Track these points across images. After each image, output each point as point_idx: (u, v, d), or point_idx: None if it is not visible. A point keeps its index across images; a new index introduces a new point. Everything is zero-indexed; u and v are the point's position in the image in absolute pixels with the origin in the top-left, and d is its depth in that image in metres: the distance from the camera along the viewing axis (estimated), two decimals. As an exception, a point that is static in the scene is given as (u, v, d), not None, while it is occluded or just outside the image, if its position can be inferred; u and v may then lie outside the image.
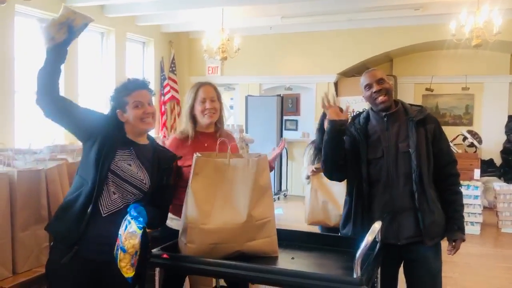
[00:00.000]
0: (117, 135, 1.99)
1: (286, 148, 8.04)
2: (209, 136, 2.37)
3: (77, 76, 6.31)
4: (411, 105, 2.33)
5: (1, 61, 5.33)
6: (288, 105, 8.48)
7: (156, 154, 2.05)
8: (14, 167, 2.12)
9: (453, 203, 2.24)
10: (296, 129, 8.56)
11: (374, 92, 2.22)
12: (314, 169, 3.11)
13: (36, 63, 5.70)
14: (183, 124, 2.43)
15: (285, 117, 8.28)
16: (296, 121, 8.60)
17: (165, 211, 2.12)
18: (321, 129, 3.04)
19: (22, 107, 5.63)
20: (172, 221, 2.29)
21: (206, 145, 2.31)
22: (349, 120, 2.33)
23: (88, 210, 1.87)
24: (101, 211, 1.89)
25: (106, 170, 1.90)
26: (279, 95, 8.02)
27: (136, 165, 1.98)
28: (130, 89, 2.06)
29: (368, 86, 2.26)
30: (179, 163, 2.25)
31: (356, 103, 7.73)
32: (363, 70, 8.29)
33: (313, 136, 3.88)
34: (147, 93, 2.11)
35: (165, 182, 2.06)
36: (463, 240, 2.25)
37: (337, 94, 7.92)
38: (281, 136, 7.94)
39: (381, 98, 2.21)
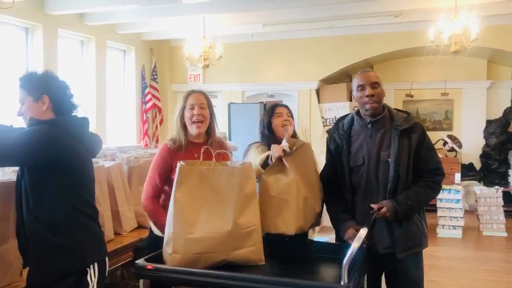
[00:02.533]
0: None
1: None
2: (200, 146, 2.27)
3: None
4: (398, 110, 2.28)
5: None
6: (270, 112, 8.47)
7: None
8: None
9: (412, 190, 2.14)
10: (279, 136, 8.54)
11: (366, 96, 2.16)
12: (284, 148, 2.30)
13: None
14: (174, 133, 2.39)
15: (267, 124, 8.26)
16: (279, 128, 8.59)
17: None
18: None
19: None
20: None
21: (196, 155, 2.25)
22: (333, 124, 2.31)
23: None
24: None
25: None
26: (261, 102, 8.02)
27: None
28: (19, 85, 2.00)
29: (361, 88, 2.20)
30: (172, 175, 2.20)
31: (337, 109, 7.80)
32: (344, 77, 8.47)
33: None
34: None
35: None
36: (386, 215, 2.10)
37: (318, 101, 7.97)
38: (264, 143, 7.92)
39: (371, 105, 2.16)
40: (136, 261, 1.95)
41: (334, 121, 2.41)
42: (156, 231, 2.30)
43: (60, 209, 1.85)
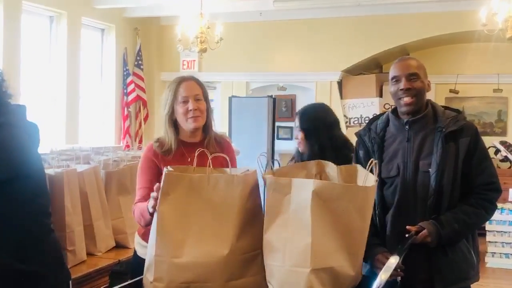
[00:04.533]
0: None
1: (278, 162, 8.00)
2: (194, 147, 2.24)
3: (19, 71, 6.21)
4: (446, 108, 2.25)
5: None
6: (281, 109, 8.47)
7: None
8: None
9: (460, 210, 2.11)
10: (291, 138, 8.51)
11: (401, 89, 2.14)
12: None
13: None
14: (162, 132, 2.37)
15: (277, 123, 8.24)
16: (291, 128, 8.57)
17: None
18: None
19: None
20: (143, 249, 2.24)
21: (189, 159, 2.23)
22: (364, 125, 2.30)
23: None
24: None
25: None
26: (270, 96, 7.99)
27: None
28: None
29: (396, 80, 2.18)
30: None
31: (364, 106, 7.77)
32: (373, 66, 8.44)
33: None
34: None
35: None
36: (427, 240, 2.06)
37: (341, 96, 7.94)
38: (273, 146, 7.91)
39: (406, 99, 2.14)
40: (110, 290, 1.94)
41: (359, 121, 2.42)
42: (141, 252, 2.28)
43: (24, 227, 1.83)
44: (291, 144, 8.48)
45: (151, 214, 2.04)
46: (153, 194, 2.00)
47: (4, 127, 1.81)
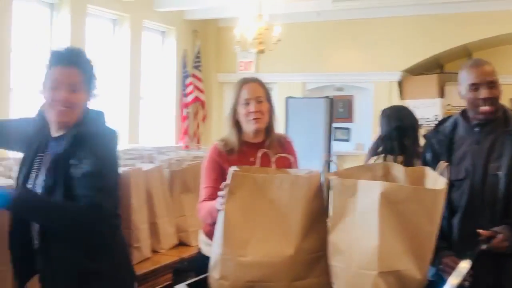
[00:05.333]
0: (40, 136, 2.02)
1: (335, 164, 7.94)
2: (257, 147, 2.30)
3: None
4: None
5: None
6: (338, 110, 8.39)
7: (64, 142, 1.93)
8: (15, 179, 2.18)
9: None
10: (348, 140, 8.45)
11: (481, 98, 2.11)
12: None
13: (36, 55, 5.98)
14: (226, 133, 2.42)
15: (334, 125, 8.18)
16: (348, 129, 8.50)
17: (73, 205, 1.88)
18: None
19: (18, 107, 5.80)
20: (208, 247, 2.28)
21: (252, 159, 2.27)
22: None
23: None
24: (34, 244, 1.94)
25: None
26: (327, 97, 7.94)
27: (46, 170, 1.94)
28: (52, 62, 1.98)
29: (474, 87, 2.13)
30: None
31: (425, 107, 7.59)
32: (434, 66, 8.25)
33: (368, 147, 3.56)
34: (70, 75, 1.93)
35: (77, 174, 1.86)
36: (503, 245, 2.00)
37: (401, 96, 7.80)
38: (330, 147, 7.86)
39: (487, 109, 2.11)
40: (176, 286, 1.98)
41: (419, 123, 2.40)
42: (205, 250, 2.32)
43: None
44: (348, 146, 8.43)
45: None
46: (221, 192, 2.03)
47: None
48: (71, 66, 1.93)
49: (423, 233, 1.80)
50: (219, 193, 2.05)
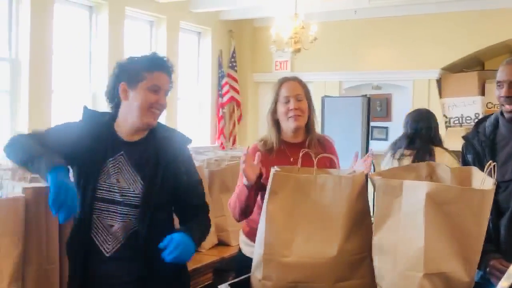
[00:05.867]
0: (106, 137, 2.00)
1: (373, 163, 7.87)
2: (297, 147, 2.32)
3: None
4: None
5: (38, 55, 5.58)
6: (376, 108, 8.31)
7: (157, 148, 2.01)
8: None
9: None
10: (386, 139, 8.34)
11: (502, 96, 2.13)
12: None
13: (76, 58, 6.13)
14: (266, 132, 2.43)
15: (372, 123, 8.10)
16: (386, 128, 8.40)
17: (204, 218, 2.14)
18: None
19: (59, 108, 5.94)
20: (248, 247, 2.29)
21: (292, 159, 2.28)
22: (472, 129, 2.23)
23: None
24: (104, 253, 1.95)
25: (90, 199, 1.92)
26: (364, 96, 7.87)
27: (127, 175, 1.96)
28: (154, 66, 2.01)
29: (500, 85, 2.15)
30: (262, 180, 2.25)
31: (465, 105, 7.44)
32: (474, 64, 8.09)
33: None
34: (168, 82, 2.05)
35: (185, 182, 2.04)
36: None
37: (440, 95, 7.67)
38: (367, 147, 7.78)
39: (508, 107, 2.12)
40: (219, 286, 1.98)
41: (460, 121, 2.37)
42: (246, 250, 2.33)
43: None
44: (386, 145, 8.27)
45: (247, 188, 2.14)
46: (242, 157, 2.07)
47: None
48: (167, 73, 2.04)
49: (470, 234, 1.76)
50: (242, 158, 2.07)
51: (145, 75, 1.98)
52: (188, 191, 2.08)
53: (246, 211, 2.25)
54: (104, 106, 2.16)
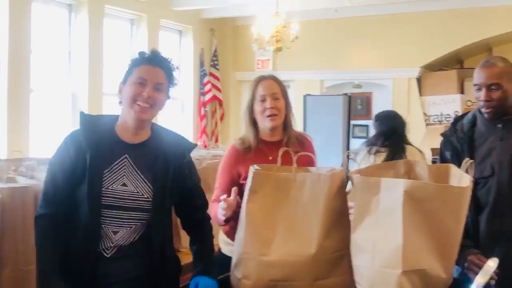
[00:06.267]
0: (108, 141, 1.93)
1: (354, 160, 7.91)
2: (275, 146, 2.32)
3: (102, 73, 6.49)
4: None
5: (16, 54, 5.52)
6: (356, 107, 8.36)
7: (162, 151, 1.98)
8: (38, 180, 2.19)
9: None
10: (366, 137, 8.33)
11: (481, 100, 2.16)
12: None
13: (55, 56, 6.06)
14: (243, 130, 2.42)
15: (353, 122, 8.15)
16: (367, 126, 8.43)
17: (207, 221, 2.18)
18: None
19: (38, 108, 5.87)
20: (228, 246, 2.28)
21: (270, 158, 2.28)
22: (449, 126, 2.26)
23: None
24: (104, 255, 1.91)
25: (97, 207, 1.86)
26: (345, 94, 7.92)
27: (134, 179, 1.92)
28: (142, 60, 1.97)
29: (477, 88, 2.18)
30: (240, 180, 2.24)
31: (445, 103, 7.52)
32: (453, 62, 8.15)
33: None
34: (162, 75, 1.98)
35: (190, 185, 2.05)
36: None
37: (420, 93, 7.74)
38: (348, 145, 7.82)
39: (486, 110, 2.16)
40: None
41: (439, 119, 2.40)
42: (225, 249, 2.33)
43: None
44: (367, 143, 8.38)
45: (224, 221, 2.14)
46: (222, 205, 2.06)
47: None
48: (158, 66, 1.97)
49: (448, 231, 1.77)
50: (221, 204, 2.07)
51: (133, 69, 1.95)
52: (192, 193, 2.09)
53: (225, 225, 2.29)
54: (84, 106, 2.12)
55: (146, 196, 1.93)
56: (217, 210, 2.17)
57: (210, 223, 2.18)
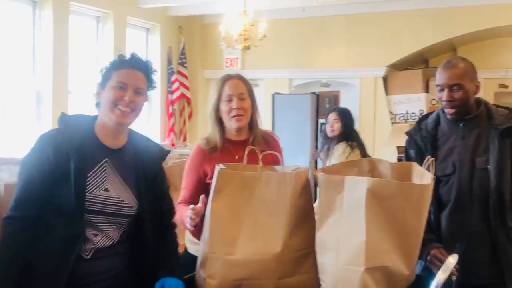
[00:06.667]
0: (89, 144, 1.88)
1: (321, 160, 7.96)
2: (241, 145, 2.32)
3: (67, 71, 6.38)
4: (498, 106, 2.25)
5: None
6: (325, 105, 8.40)
7: (139, 158, 1.97)
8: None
9: None
10: (334, 136, 8.47)
11: (443, 100, 2.20)
12: None
13: (18, 54, 5.94)
14: (209, 130, 2.41)
15: (321, 120, 8.20)
16: (335, 125, 8.53)
17: (172, 229, 2.14)
18: None
19: (1, 106, 5.73)
20: (194, 246, 2.27)
21: (236, 157, 2.28)
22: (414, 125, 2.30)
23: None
24: (83, 256, 1.87)
25: (80, 212, 1.83)
26: (313, 93, 7.97)
27: (116, 184, 1.90)
28: (121, 63, 1.95)
29: (439, 88, 2.21)
30: (207, 180, 2.23)
31: (410, 102, 7.64)
32: (419, 61, 8.29)
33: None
34: (142, 79, 1.97)
35: (159, 191, 2.04)
36: None
37: (386, 92, 7.83)
38: (317, 143, 7.88)
39: (448, 110, 2.19)
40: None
41: (405, 118, 2.45)
42: (191, 249, 2.32)
43: None
44: (335, 141, 8.45)
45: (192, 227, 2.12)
46: (190, 214, 2.05)
47: None
48: (138, 70, 1.95)
49: (410, 228, 1.80)
50: (188, 213, 2.06)
51: (113, 73, 1.92)
52: (161, 199, 2.07)
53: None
54: (49, 104, 2.07)
55: (127, 202, 1.91)
56: (184, 214, 2.15)
57: (175, 231, 2.14)
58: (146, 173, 1.97)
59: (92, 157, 1.87)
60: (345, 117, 4.73)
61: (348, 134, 4.60)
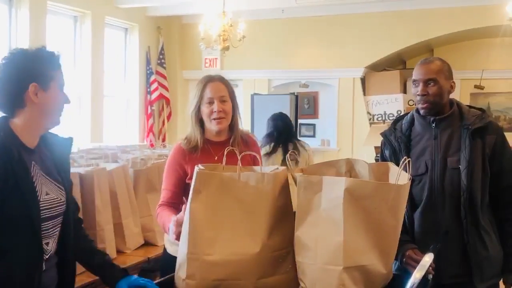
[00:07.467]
0: (17, 149, 1.73)
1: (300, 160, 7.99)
2: (221, 146, 2.32)
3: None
4: (470, 107, 2.29)
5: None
6: (303, 106, 8.46)
7: (54, 153, 1.90)
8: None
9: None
10: (313, 135, 8.51)
11: (418, 94, 2.22)
12: None
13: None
14: (189, 130, 2.41)
15: (300, 121, 8.25)
16: (314, 125, 8.57)
17: (80, 224, 2.09)
18: None
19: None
20: (173, 247, 2.27)
21: (216, 158, 2.28)
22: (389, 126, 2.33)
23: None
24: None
25: (37, 224, 1.75)
26: (292, 94, 8.00)
27: (49, 185, 1.83)
28: (56, 63, 1.89)
29: (415, 83, 2.24)
30: (187, 180, 2.22)
31: (388, 103, 7.72)
32: (396, 63, 8.38)
33: (334, 144, 5.28)
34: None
35: (70, 185, 1.97)
36: None
37: (364, 92, 7.90)
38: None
39: (422, 105, 2.21)
40: None
41: (383, 118, 2.48)
42: (171, 250, 2.31)
43: None
44: (314, 142, 8.48)
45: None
46: (172, 227, 2.06)
47: None
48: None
49: (387, 228, 1.82)
50: (170, 226, 2.07)
51: (53, 73, 1.84)
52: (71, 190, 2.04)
53: None
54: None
55: (62, 200, 1.86)
56: (167, 223, 2.15)
57: (83, 227, 2.10)
58: (63, 166, 1.93)
59: (24, 162, 1.74)
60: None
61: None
